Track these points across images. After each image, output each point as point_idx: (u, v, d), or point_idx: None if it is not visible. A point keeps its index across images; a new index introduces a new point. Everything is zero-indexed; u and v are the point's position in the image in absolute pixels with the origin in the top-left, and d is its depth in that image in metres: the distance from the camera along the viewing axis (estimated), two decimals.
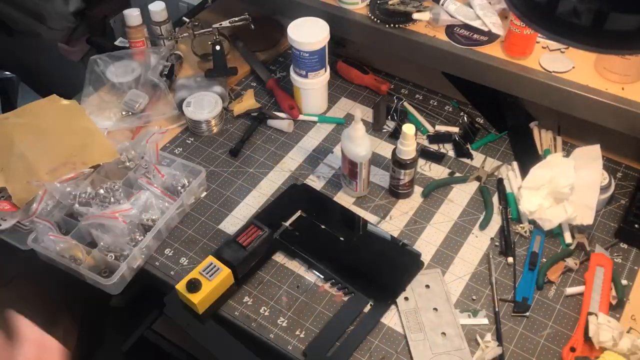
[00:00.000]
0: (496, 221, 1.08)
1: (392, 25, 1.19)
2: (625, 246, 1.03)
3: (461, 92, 1.31)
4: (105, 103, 1.30)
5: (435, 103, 1.31)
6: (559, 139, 1.19)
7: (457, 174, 1.16)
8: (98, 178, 1.11)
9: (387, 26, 1.19)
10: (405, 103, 1.30)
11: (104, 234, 1.02)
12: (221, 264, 0.97)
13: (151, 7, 1.35)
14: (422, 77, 1.35)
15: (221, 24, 1.31)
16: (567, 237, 1.03)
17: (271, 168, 1.20)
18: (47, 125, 1.18)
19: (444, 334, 0.93)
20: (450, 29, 1.18)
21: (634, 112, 1.02)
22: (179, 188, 1.11)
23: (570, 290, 0.97)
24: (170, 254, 1.06)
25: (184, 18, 1.37)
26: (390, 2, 1.20)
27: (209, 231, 1.09)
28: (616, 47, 0.58)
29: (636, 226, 1.02)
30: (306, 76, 1.23)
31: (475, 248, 1.04)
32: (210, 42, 1.31)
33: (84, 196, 1.07)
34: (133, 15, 1.33)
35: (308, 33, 1.17)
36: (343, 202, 1.12)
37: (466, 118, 1.26)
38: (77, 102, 1.24)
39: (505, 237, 1.04)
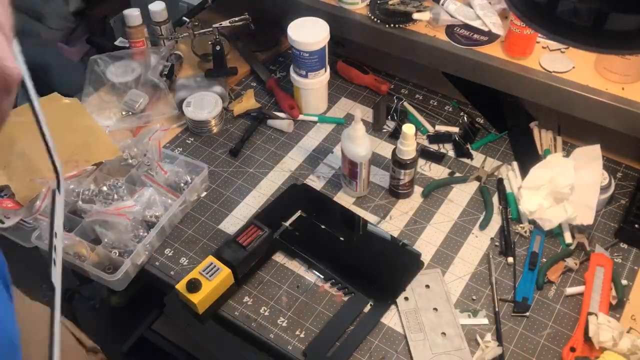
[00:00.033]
0: (496, 221, 1.08)
1: (392, 25, 1.19)
2: (625, 246, 1.03)
3: (461, 92, 1.31)
4: (105, 103, 1.30)
5: (435, 103, 1.31)
6: (559, 139, 1.19)
7: (457, 174, 1.16)
8: (101, 175, 1.11)
9: (387, 26, 1.19)
10: (405, 103, 1.30)
11: (108, 231, 1.02)
12: (221, 264, 0.97)
13: (151, 7, 1.35)
14: (422, 77, 1.35)
15: (221, 24, 1.31)
16: (567, 237, 1.03)
17: (271, 168, 1.20)
18: (49, 123, 1.18)
19: (444, 334, 0.93)
20: (450, 29, 1.18)
21: (634, 112, 1.02)
22: (182, 185, 1.12)
23: (570, 290, 0.97)
24: (170, 254, 1.06)
25: (184, 18, 1.37)
26: (390, 2, 1.20)
27: (209, 231, 1.09)
28: (616, 47, 0.58)
29: (636, 226, 1.02)
30: (306, 76, 1.23)
31: (475, 248, 1.04)
32: (210, 42, 1.31)
33: (87, 193, 1.07)
34: (133, 15, 1.33)
35: (308, 33, 1.17)
36: (343, 202, 1.12)
37: (466, 118, 1.26)
38: (78, 101, 1.24)
39: (505, 237, 1.04)
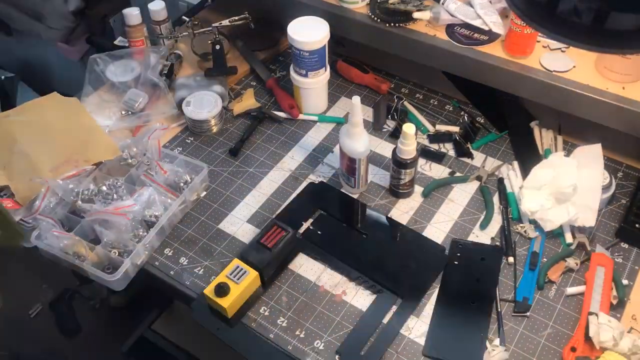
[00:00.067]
0: (497, 221, 1.07)
1: (393, 24, 1.19)
2: (626, 246, 1.02)
3: (461, 92, 1.31)
4: (104, 102, 1.30)
5: (435, 102, 1.31)
6: (560, 139, 1.19)
7: (458, 174, 1.16)
8: (100, 175, 1.10)
9: (388, 25, 1.19)
10: (405, 102, 1.29)
11: (108, 231, 1.02)
12: (248, 267, 0.95)
13: (151, 7, 1.35)
14: (423, 77, 1.34)
15: (221, 23, 1.31)
16: (568, 237, 1.02)
17: (271, 167, 1.19)
18: (49, 122, 1.18)
19: None
20: (450, 28, 1.18)
21: (635, 112, 1.02)
22: (182, 184, 1.11)
23: (570, 290, 0.97)
24: (170, 254, 1.06)
25: (184, 17, 1.37)
26: (390, 1, 1.20)
27: (209, 231, 1.09)
28: (617, 47, 0.58)
29: (637, 226, 1.02)
30: (306, 75, 1.22)
31: None
32: (210, 41, 1.31)
33: (87, 193, 1.07)
34: (133, 14, 1.33)
35: (308, 32, 1.17)
36: None
37: (466, 117, 1.26)
38: (78, 100, 1.24)
39: (505, 237, 1.04)
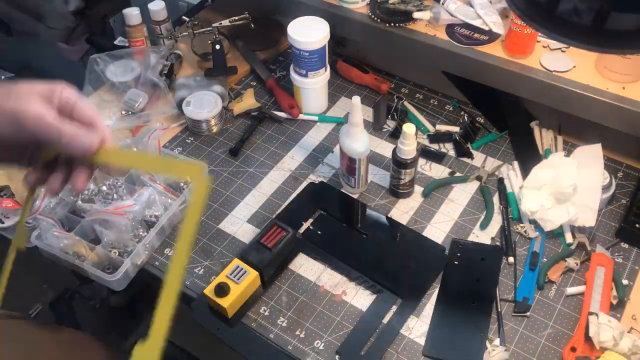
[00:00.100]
0: (497, 221, 1.07)
1: (393, 24, 1.19)
2: (626, 246, 1.02)
3: (461, 92, 1.31)
4: (104, 102, 1.30)
5: (435, 102, 1.31)
6: (560, 139, 1.19)
7: (458, 174, 1.16)
8: (100, 175, 1.10)
9: (388, 25, 1.19)
10: (405, 102, 1.29)
11: (108, 231, 1.02)
12: (248, 267, 0.95)
13: (151, 6, 1.35)
14: (423, 77, 1.34)
15: (221, 23, 1.31)
16: (568, 237, 1.02)
17: (271, 167, 1.19)
18: None
19: None
20: (450, 28, 1.18)
21: (635, 112, 1.02)
22: (182, 184, 1.11)
23: (570, 290, 0.97)
24: (170, 254, 1.05)
25: (184, 17, 1.37)
26: (390, 1, 1.20)
27: (209, 231, 1.09)
28: (617, 47, 0.58)
29: (637, 226, 1.02)
30: (306, 75, 1.22)
31: None
32: (210, 41, 1.31)
33: (87, 193, 1.07)
34: (133, 14, 1.33)
35: (308, 32, 1.17)
36: None
37: (467, 117, 1.26)
38: None
39: (505, 237, 1.04)
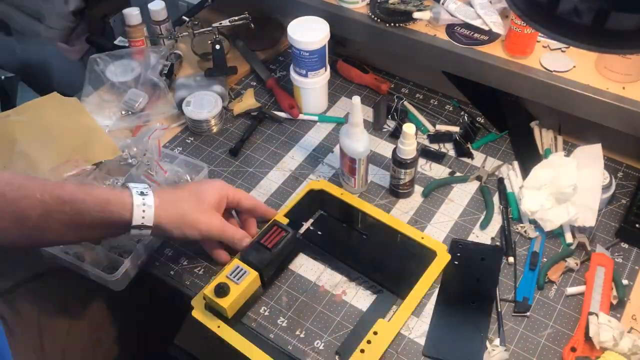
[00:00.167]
0: (497, 221, 1.07)
1: (393, 24, 1.19)
2: (626, 246, 1.02)
3: (462, 92, 1.31)
4: (104, 102, 1.30)
5: (435, 102, 1.31)
6: (560, 139, 1.19)
7: (458, 174, 1.16)
8: (100, 175, 1.10)
9: (388, 25, 1.19)
10: (405, 102, 1.29)
11: None
12: (248, 267, 0.95)
13: (151, 6, 1.35)
14: (423, 77, 1.34)
15: (221, 23, 1.31)
16: (568, 237, 1.02)
17: (271, 168, 1.19)
18: (49, 122, 1.18)
19: None
20: (450, 28, 1.18)
21: (635, 112, 1.02)
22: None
23: (570, 290, 0.97)
24: (170, 254, 1.06)
25: (184, 17, 1.37)
26: (390, 1, 1.20)
27: None
28: (617, 47, 0.58)
29: (637, 226, 1.02)
30: (306, 75, 1.22)
31: None
32: (210, 42, 1.31)
33: None
34: (133, 14, 1.33)
35: (308, 32, 1.17)
36: None
37: (467, 117, 1.26)
38: (78, 100, 1.24)
39: (505, 237, 1.04)
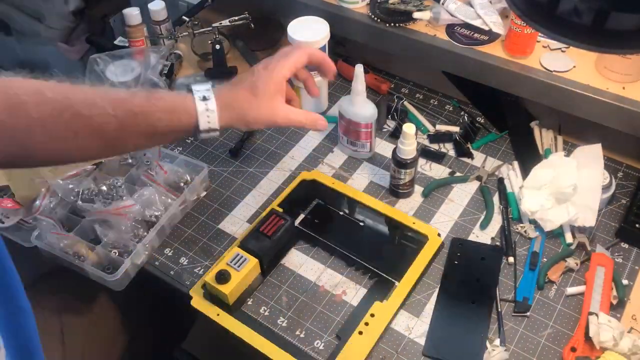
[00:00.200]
0: (497, 221, 1.07)
1: (393, 24, 1.19)
2: (626, 246, 1.02)
3: (462, 92, 1.31)
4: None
5: (435, 102, 1.31)
6: (560, 139, 1.19)
7: (458, 174, 1.16)
8: (100, 175, 1.10)
9: (388, 25, 1.19)
10: (405, 102, 1.29)
11: (108, 231, 1.02)
12: (248, 255, 0.96)
13: (151, 6, 1.35)
14: (423, 77, 1.34)
15: (221, 23, 1.31)
16: (568, 237, 1.02)
17: (271, 167, 1.19)
18: None
19: None
20: (450, 28, 1.18)
21: (635, 112, 1.02)
22: (182, 184, 1.12)
23: (570, 290, 0.97)
24: (170, 254, 1.06)
25: (184, 17, 1.37)
26: (390, 1, 1.20)
27: (209, 231, 1.09)
28: (617, 47, 0.58)
29: (637, 226, 1.02)
30: None
31: None
32: (210, 42, 1.31)
33: (87, 193, 1.07)
34: (133, 14, 1.33)
35: (308, 32, 1.17)
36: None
37: (467, 117, 1.26)
38: None
39: (505, 237, 1.04)
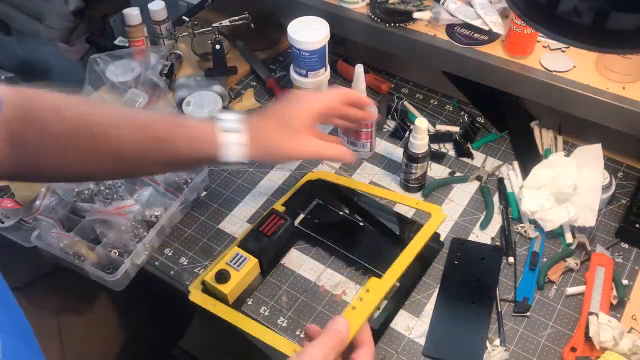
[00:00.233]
0: (497, 221, 1.07)
1: (393, 24, 1.19)
2: (626, 246, 1.02)
3: (462, 92, 1.31)
4: (104, 102, 1.30)
5: (435, 102, 1.31)
6: (560, 139, 1.19)
7: (458, 174, 1.16)
8: None
9: (388, 25, 1.19)
10: (405, 102, 1.29)
11: (108, 231, 1.02)
12: (247, 254, 0.96)
13: (151, 6, 1.35)
14: (423, 77, 1.34)
15: (221, 23, 1.31)
16: (568, 237, 1.02)
17: (271, 167, 1.19)
18: None
19: None
20: (450, 28, 1.18)
21: (635, 112, 1.02)
22: (182, 184, 1.11)
23: (570, 290, 0.97)
24: (170, 254, 1.06)
25: (184, 17, 1.37)
26: (390, 1, 1.20)
27: (209, 231, 1.09)
28: (617, 47, 0.58)
29: (637, 226, 1.02)
30: (306, 75, 1.22)
31: None
32: (210, 42, 1.31)
33: (87, 193, 1.07)
34: (133, 14, 1.33)
35: (308, 32, 1.17)
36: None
37: (467, 117, 1.26)
38: None
39: (505, 237, 1.04)
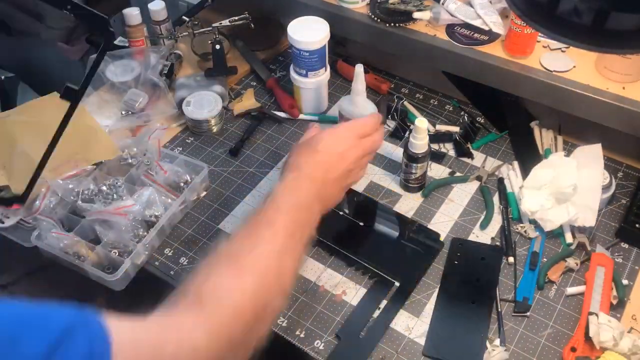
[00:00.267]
0: (497, 221, 1.07)
1: (393, 24, 1.19)
2: (626, 246, 1.02)
3: (462, 92, 1.31)
4: (104, 102, 1.30)
5: (435, 102, 1.31)
6: (560, 139, 1.19)
7: (458, 174, 1.16)
8: (100, 175, 1.10)
9: (388, 25, 1.19)
10: (405, 102, 1.29)
11: (108, 231, 1.02)
12: None
13: (151, 6, 1.35)
14: (423, 77, 1.34)
15: (221, 23, 1.31)
16: (568, 237, 1.02)
17: (271, 167, 1.19)
18: (49, 123, 1.18)
19: None
20: (450, 28, 1.18)
21: (635, 112, 1.02)
22: (182, 184, 1.12)
23: (570, 290, 0.97)
24: (170, 254, 1.06)
25: (184, 17, 1.37)
26: (390, 1, 1.20)
27: (209, 231, 1.09)
28: (617, 47, 0.58)
29: (637, 226, 1.02)
30: (306, 75, 1.22)
31: None
32: (210, 41, 1.31)
33: (87, 193, 1.07)
34: (133, 14, 1.33)
35: (308, 32, 1.17)
36: None
37: (467, 117, 1.25)
38: None
39: (505, 237, 1.04)
